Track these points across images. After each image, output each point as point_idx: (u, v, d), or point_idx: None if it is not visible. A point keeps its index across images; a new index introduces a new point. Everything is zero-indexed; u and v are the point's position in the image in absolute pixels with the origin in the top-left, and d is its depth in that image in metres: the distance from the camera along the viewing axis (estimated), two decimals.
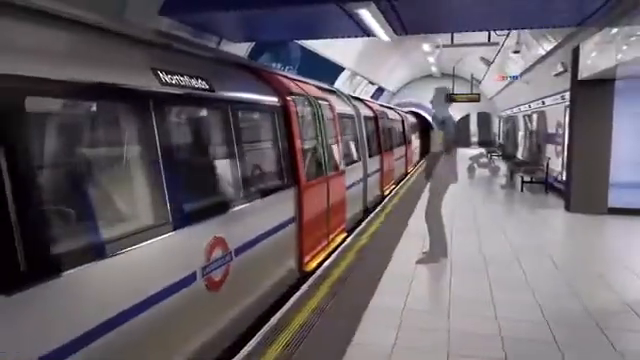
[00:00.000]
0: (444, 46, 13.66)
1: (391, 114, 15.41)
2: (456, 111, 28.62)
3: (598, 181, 9.33)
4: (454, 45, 13.64)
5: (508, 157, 22.26)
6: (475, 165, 17.98)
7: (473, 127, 30.05)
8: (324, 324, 4.27)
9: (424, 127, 27.75)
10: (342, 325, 4.24)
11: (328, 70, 14.74)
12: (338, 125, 8.08)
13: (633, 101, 9.19)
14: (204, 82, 4.02)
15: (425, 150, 28.35)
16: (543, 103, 14.13)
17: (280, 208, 5.39)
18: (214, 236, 3.77)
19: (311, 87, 7.62)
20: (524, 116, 18.30)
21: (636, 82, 8.89)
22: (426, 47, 20.07)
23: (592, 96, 9.21)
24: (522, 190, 12.44)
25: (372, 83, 21.87)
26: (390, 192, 12.66)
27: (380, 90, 24.32)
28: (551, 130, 13.34)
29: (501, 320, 4.35)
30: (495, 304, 4.75)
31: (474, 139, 29.56)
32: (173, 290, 3.22)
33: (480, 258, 6.40)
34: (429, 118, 29.91)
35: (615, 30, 7.35)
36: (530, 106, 16.28)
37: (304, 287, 5.25)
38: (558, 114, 12.61)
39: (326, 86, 9.49)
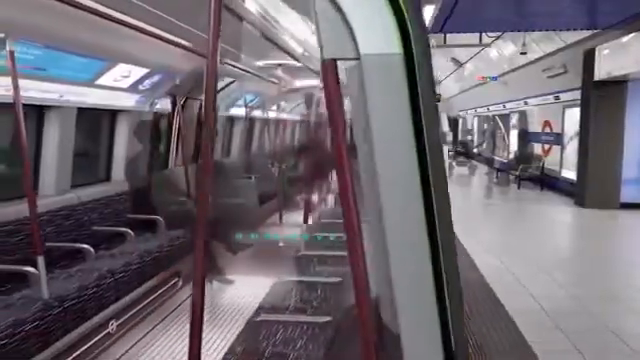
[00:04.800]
0: (437, 46, 13.79)
1: None
2: None
3: (611, 178, 9.82)
4: (447, 45, 13.83)
5: (468, 155, 23.13)
6: (454, 163, 18.50)
7: None
8: (484, 330, 4.07)
9: None
10: (507, 332, 4.06)
11: None
12: None
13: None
14: None
15: None
16: (526, 103, 14.70)
17: None
18: None
19: None
20: (494, 116, 18.99)
21: None
22: None
23: (606, 96, 9.67)
24: (519, 188, 12.84)
25: None
26: None
27: None
28: (541, 129, 13.88)
29: None
30: (622, 299, 4.79)
31: None
32: None
33: (551, 256, 6.46)
34: None
35: None
36: (505, 106, 16.87)
37: None
38: (549, 114, 13.14)
39: None
